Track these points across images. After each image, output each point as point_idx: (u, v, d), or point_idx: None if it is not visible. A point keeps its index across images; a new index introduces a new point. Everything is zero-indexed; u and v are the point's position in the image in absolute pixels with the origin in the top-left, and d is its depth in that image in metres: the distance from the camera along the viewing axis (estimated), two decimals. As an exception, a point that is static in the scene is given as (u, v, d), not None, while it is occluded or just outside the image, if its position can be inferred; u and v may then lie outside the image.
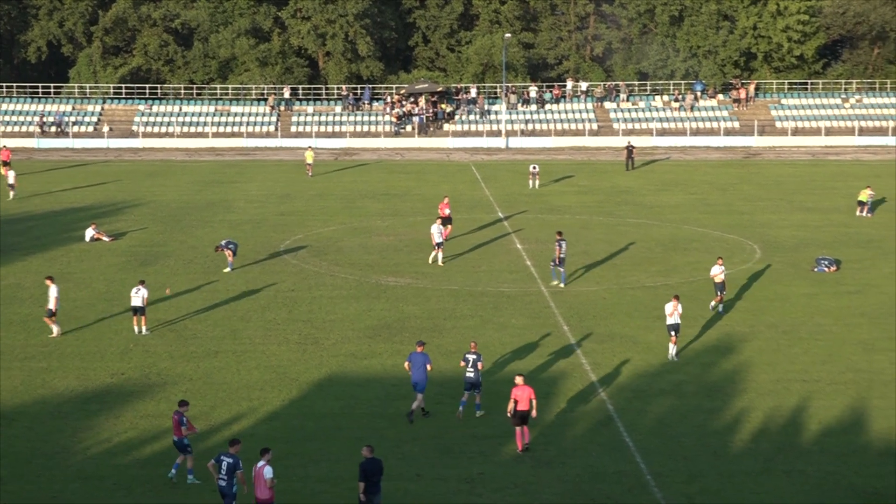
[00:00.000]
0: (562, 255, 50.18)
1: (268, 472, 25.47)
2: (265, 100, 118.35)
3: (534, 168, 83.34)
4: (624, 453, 31.18)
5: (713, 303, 45.98)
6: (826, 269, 53.88)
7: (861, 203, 70.63)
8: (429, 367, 33.70)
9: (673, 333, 39.09)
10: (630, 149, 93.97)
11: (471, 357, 33.93)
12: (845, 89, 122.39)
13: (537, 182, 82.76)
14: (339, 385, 36.87)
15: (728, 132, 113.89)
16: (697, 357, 39.95)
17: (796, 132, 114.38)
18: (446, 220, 59.61)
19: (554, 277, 51.13)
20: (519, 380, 31.53)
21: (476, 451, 31.11)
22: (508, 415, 31.31)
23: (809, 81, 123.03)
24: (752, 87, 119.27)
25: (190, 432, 29.01)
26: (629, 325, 44.06)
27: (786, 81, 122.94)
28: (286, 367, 38.59)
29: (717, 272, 46.07)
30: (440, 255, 54.68)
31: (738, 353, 40.50)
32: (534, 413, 31.29)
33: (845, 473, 29.78)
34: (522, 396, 31.08)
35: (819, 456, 30.98)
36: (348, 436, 32.14)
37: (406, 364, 34.25)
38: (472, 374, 33.68)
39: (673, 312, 39.17)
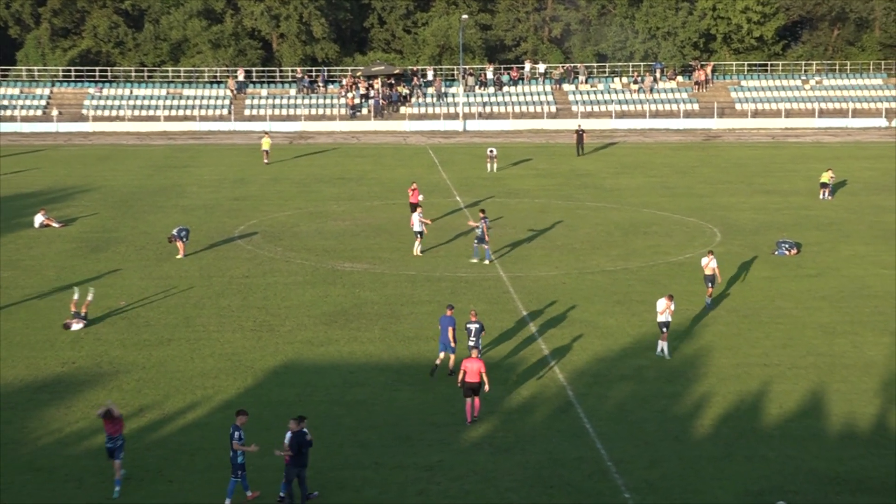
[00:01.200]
0: (480, 234, 51.67)
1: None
2: (220, 83, 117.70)
3: (492, 151, 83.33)
4: (584, 439, 31.25)
5: (707, 299, 44.84)
6: (786, 253, 54.18)
7: (823, 185, 71.01)
8: (450, 329, 35.76)
9: (664, 331, 38.22)
10: (580, 133, 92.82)
11: (472, 327, 35.65)
12: (805, 71, 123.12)
13: (495, 165, 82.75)
14: (294, 372, 36.76)
15: (687, 114, 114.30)
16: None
17: (756, 114, 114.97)
18: (413, 207, 59.41)
19: (475, 255, 52.42)
20: (473, 352, 33.02)
21: (435, 439, 31.10)
22: (459, 385, 32.70)
23: (769, 63, 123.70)
24: (709, 69, 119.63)
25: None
26: (589, 310, 44.15)
27: (745, 63, 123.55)
28: (241, 355, 38.43)
29: (707, 263, 44.89)
30: (417, 245, 53.87)
31: (698, 337, 40.68)
32: (486, 387, 32.35)
33: (806, 458, 29.96)
34: (472, 368, 32.21)
35: (780, 441, 31.16)
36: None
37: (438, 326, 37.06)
38: (473, 344, 35.08)
39: (665, 310, 38.12)
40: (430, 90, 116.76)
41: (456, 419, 32.50)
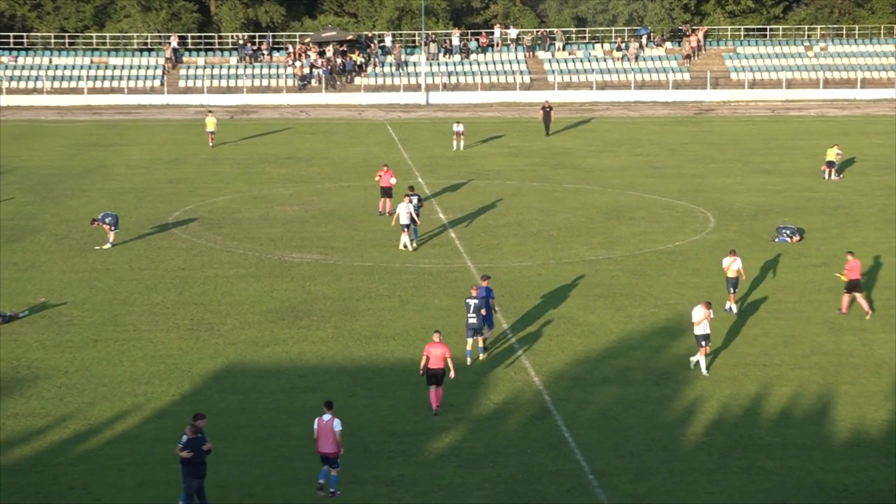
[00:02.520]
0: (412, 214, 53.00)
1: (337, 424, 28.49)
2: (151, 50, 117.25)
3: (458, 127, 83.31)
4: (563, 450, 31.34)
5: (728, 304, 43.55)
6: (788, 240, 54.45)
7: (829, 164, 71.24)
8: (492, 301, 39.00)
9: (703, 344, 37.06)
10: (547, 109, 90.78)
11: (472, 302, 37.59)
12: (808, 36, 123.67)
13: (462, 143, 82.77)
14: (237, 377, 36.71)
15: (677, 85, 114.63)
16: (645, 340, 40.23)
17: (754, 85, 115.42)
18: (386, 192, 59.24)
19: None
20: (436, 336, 34.08)
21: (396, 451, 31.13)
22: (420, 372, 33.93)
23: (768, 27, 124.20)
24: (701, 34, 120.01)
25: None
26: (568, 305, 44.26)
27: (742, 27, 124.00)
28: (176, 358, 38.35)
29: (729, 264, 43.37)
30: (405, 239, 52.56)
31: (689, 335, 40.74)
32: (451, 374, 33.72)
33: (811, 469, 30.14)
34: (436, 354, 33.52)
35: (781, 450, 31.33)
36: (248, 434, 32.03)
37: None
38: (474, 320, 37.46)
39: (702, 321, 36.98)
40: (389, 58, 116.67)
41: (419, 428, 32.55)
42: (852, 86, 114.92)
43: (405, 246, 52.42)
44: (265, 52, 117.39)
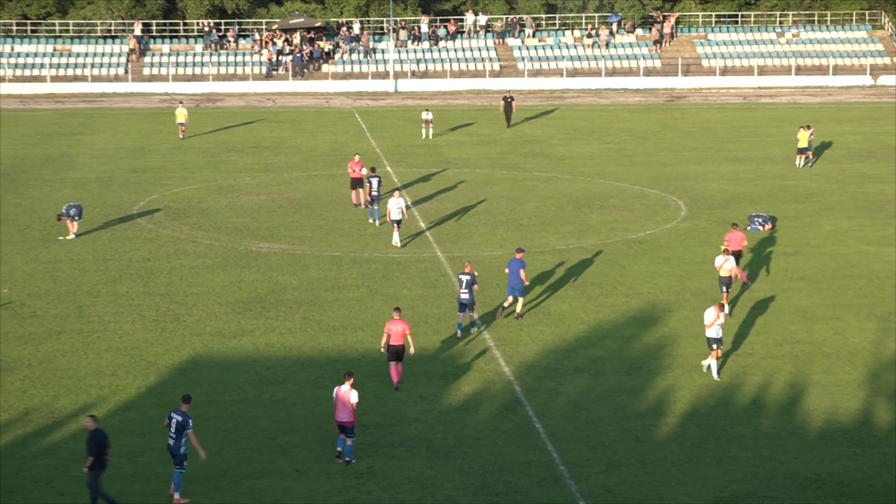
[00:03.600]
0: (374, 193, 55.45)
1: (353, 396, 30.00)
2: (115, 38, 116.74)
3: (426, 115, 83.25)
4: (534, 441, 31.38)
5: (726, 307, 40.39)
6: (760, 228, 54.63)
7: (801, 150, 70.88)
8: (522, 272, 40.88)
9: (715, 347, 36.34)
10: (509, 100, 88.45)
11: (464, 278, 39.25)
12: (780, 23, 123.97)
13: (431, 131, 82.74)
14: (203, 369, 36.64)
15: (648, 72, 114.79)
16: (616, 329, 40.30)
17: (725, 72, 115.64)
18: (357, 182, 59.01)
19: (370, 216, 55.80)
20: (395, 314, 35.31)
21: (365, 443, 31.11)
22: (382, 349, 35.13)
23: (740, 14, 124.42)
24: (672, 20, 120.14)
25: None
26: (538, 295, 44.30)
27: (713, 14, 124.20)
28: (142, 349, 38.25)
29: (722, 263, 42.08)
30: (397, 236, 51.48)
31: (661, 324, 40.94)
32: (411, 350, 35.30)
33: (783, 459, 30.26)
34: (396, 331, 34.76)
35: (753, 440, 31.44)
36: (216, 427, 31.97)
37: (505, 270, 41.88)
38: (466, 296, 39.15)
39: (713, 323, 36.18)
40: (357, 45, 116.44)
41: (388, 419, 32.54)
42: (824, 72, 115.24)
43: (397, 243, 51.34)
44: (231, 40, 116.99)
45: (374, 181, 55.29)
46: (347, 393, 30.01)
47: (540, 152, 76.69)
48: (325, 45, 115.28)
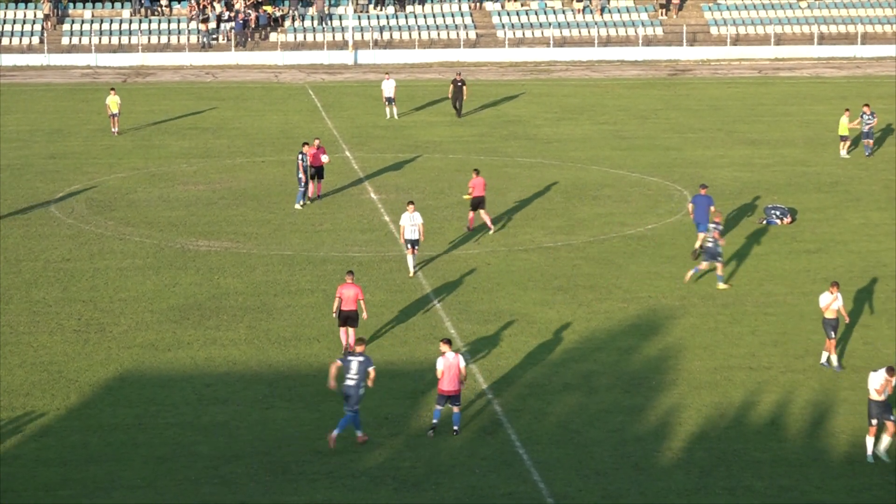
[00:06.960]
0: (299, 176, 57.32)
1: (461, 360, 33.00)
2: (27, 2, 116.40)
3: (388, 86, 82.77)
4: (517, 469, 31.43)
5: (826, 355, 38.48)
6: (778, 222, 54.76)
7: (843, 138, 69.41)
8: (711, 208, 47.18)
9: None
10: (459, 84, 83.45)
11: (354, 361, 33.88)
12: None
13: (395, 109, 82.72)
14: (133, 387, 36.58)
15: (648, 41, 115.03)
16: (612, 340, 40.37)
17: (738, 41, 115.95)
18: (319, 172, 58.85)
19: (298, 199, 57.76)
20: (348, 277, 38.50)
21: (321, 472, 31.12)
22: (333, 314, 38.44)
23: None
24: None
25: None
26: (522, 300, 44.35)
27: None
28: (61, 364, 38.18)
29: (829, 303, 38.35)
30: (412, 260, 47.47)
31: (664, 333, 41.02)
32: (364, 314, 38.27)
33: (805, 489, 30.37)
34: (348, 295, 37.93)
35: (770, 467, 31.55)
36: (148, 454, 31.91)
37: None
38: (352, 382, 32.60)
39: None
40: (310, 11, 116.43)
41: (348, 444, 32.54)
42: (852, 41, 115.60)
43: (411, 270, 47.37)
44: (163, 5, 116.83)
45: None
46: (456, 358, 32.89)
47: (523, 134, 76.75)
48: (273, 11, 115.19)
